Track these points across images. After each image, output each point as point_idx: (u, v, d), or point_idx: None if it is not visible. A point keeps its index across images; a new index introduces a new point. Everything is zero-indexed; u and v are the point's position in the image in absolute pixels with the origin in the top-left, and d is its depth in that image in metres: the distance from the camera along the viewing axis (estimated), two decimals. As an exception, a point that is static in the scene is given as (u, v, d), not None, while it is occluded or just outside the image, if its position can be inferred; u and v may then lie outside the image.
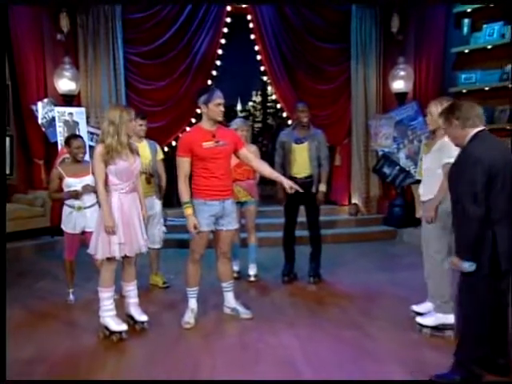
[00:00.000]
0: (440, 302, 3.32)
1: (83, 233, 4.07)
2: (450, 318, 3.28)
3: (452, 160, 3.05)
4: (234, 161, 4.50)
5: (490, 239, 2.48)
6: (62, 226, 4.13)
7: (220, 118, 3.57)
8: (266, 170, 3.71)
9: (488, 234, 2.48)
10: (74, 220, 4.05)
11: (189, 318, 3.61)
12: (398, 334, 3.37)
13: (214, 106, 3.48)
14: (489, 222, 2.47)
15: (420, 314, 3.49)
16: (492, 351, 2.67)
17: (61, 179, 4.07)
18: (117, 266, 3.45)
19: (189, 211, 3.45)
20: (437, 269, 3.31)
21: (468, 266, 2.49)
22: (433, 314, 3.38)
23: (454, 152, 3.09)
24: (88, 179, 4.03)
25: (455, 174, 2.58)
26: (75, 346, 3.27)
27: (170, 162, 4.83)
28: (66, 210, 4.11)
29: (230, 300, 3.83)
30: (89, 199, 4.07)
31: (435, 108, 3.29)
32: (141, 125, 4.31)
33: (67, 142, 4.18)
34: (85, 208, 4.05)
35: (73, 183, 4.04)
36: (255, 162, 3.72)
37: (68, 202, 4.07)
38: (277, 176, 3.69)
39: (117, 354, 3.19)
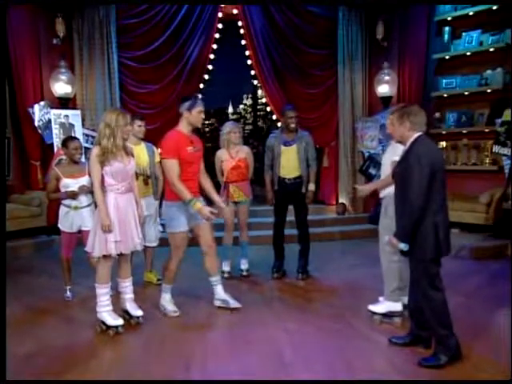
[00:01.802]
0: (389, 290, 3.55)
1: (80, 231, 4.21)
2: (398, 306, 3.55)
3: (398, 158, 3.36)
4: (230, 164, 4.73)
5: (432, 228, 2.81)
6: (59, 225, 4.24)
7: (200, 125, 3.83)
8: (206, 185, 3.90)
9: (430, 223, 2.81)
10: (70, 219, 4.17)
11: (173, 307, 3.84)
12: (381, 326, 3.52)
13: (197, 113, 3.70)
14: (430, 212, 2.81)
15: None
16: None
17: (58, 180, 4.17)
18: (112, 263, 3.55)
19: (198, 205, 3.61)
20: (386, 260, 3.53)
21: (403, 246, 2.87)
22: (383, 302, 3.62)
23: (399, 151, 3.41)
24: (84, 180, 4.16)
25: (402, 170, 2.90)
26: (73, 340, 3.36)
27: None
28: (62, 209, 4.22)
29: (220, 292, 3.95)
30: (85, 199, 4.19)
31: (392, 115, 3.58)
32: (140, 125, 4.40)
33: (64, 143, 4.27)
34: (81, 208, 4.17)
35: (70, 184, 4.14)
36: (202, 176, 3.90)
37: (65, 201, 4.19)
38: (212, 196, 3.90)
39: (113, 348, 3.29)
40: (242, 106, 14.68)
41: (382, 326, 3.53)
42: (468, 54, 6.15)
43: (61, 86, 6.54)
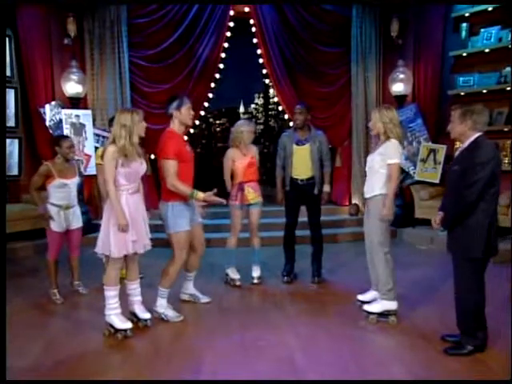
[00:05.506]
0: (385, 289, 3.59)
1: (67, 231, 4.21)
2: (394, 305, 3.59)
3: (396, 160, 3.50)
4: (245, 161, 4.60)
5: (488, 228, 2.88)
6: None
7: (191, 122, 3.81)
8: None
9: (487, 224, 2.88)
10: (61, 219, 4.15)
11: (174, 312, 3.77)
12: (396, 331, 3.45)
13: (186, 110, 3.68)
14: (489, 213, 2.88)
15: (366, 303, 3.77)
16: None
17: (48, 177, 4.12)
18: (121, 264, 3.51)
19: (201, 195, 3.60)
20: (381, 259, 3.57)
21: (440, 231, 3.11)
22: (379, 302, 3.65)
23: (396, 154, 3.50)
24: (75, 181, 4.19)
25: (462, 168, 2.92)
26: (81, 344, 3.32)
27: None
28: (52, 209, 4.15)
29: (189, 287, 4.14)
30: (75, 199, 4.22)
31: (374, 115, 3.62)
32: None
33: (57, 142, 4.21)
34: (72, 207, 4.19)
35: (63, 184, 4.13)
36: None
37: (55, 201, 4.15)
38: None
39: (122, 351, 3.24)
40: (253, 106, 14.62)
41: (392, 329, 3.48)
42: (486, 50, 5.98)
43: (72, 86, 6.53)
